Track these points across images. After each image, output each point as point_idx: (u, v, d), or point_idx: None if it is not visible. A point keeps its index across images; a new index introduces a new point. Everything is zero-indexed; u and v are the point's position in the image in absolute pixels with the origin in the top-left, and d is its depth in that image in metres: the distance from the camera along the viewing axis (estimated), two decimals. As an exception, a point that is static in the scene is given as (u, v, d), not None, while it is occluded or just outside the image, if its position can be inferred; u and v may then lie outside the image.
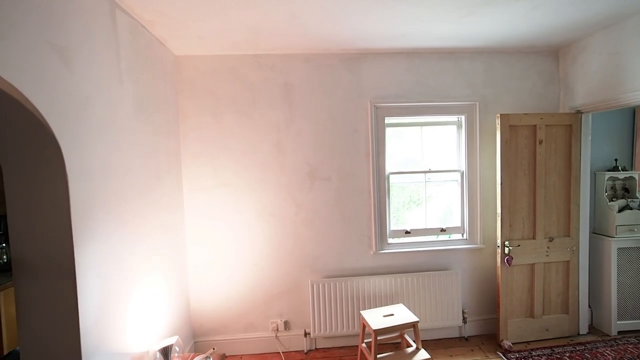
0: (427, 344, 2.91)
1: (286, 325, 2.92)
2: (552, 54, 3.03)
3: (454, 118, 3.07)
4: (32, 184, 1.43)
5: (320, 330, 2.82)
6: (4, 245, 2.77)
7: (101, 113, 1.72)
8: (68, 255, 1.46)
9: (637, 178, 3.04)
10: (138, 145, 2.10)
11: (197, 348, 2.86)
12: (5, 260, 2.73)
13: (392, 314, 2.46)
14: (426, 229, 3.07)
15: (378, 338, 2.38)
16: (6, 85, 1.20)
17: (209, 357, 2.08)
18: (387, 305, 2.85)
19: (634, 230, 2.93)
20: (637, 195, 3.03)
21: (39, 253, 1.45)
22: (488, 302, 3.07)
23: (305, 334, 2.88)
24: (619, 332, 2.94)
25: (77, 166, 1.51)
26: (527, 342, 2.87)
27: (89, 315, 1.54)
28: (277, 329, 2.90)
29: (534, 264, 2.87)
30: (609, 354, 2.65)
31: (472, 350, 2.82)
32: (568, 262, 2.92)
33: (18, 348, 2.43)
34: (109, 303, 1.72)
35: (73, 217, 1.46)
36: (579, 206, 2.92)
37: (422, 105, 2.95)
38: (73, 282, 1.46)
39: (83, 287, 1.51)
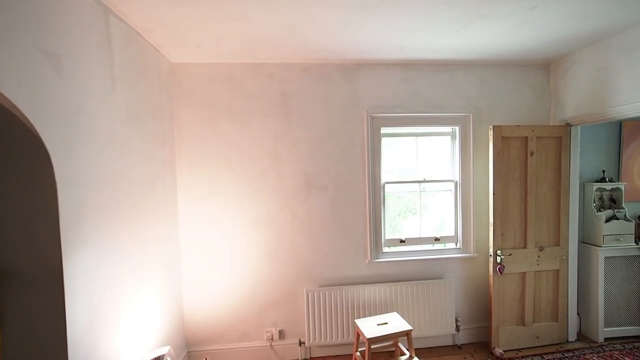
0: (420, 352, 2.93)
1: (281, 334, 2.91)
2: (544, 68, 3.11)
3: (448, 129, 3.11)
4: (20, 192, 1.41)
5: (315, 339, 2.82)
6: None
7: (93, 121, 1.70)
8: (56, 265, 1.43)
9: (623, 189, 3.13)
10: (132, 154, 2.07)
11: (190, 358, 2.82)
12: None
13: (386, 323, 2.48)
14: (421, 238, 3.10)
15: (372, 347, 2.40)
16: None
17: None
18: (382, 313, 2.86)
19: (620, 240, 3.02)
20: (623, 205, 3.13)
21: (26, 262, 1.42)
22: (480, 310, 3.12)
23: (300, 343, 2.88)
24: (606, 339, 3.02)
25: (68, 174, 1.49)
26: (519, 350, 2.92)
27: (77, 326, 1.52)
28: (272, 338, 2.88)
29: (525, 272, 2.93)
30: (596, 361, 2.72)
31: (465, 358, 2.86)
32: (558, 270, 2.99)
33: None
34: (99, 313, 1.69)
35: (62, 226, 1.44)
36: (568, 216, 2.99)
37: (417, 116, 2.98)
38: (61, 292, 1.44)
39: (72, 297, 1.49)
